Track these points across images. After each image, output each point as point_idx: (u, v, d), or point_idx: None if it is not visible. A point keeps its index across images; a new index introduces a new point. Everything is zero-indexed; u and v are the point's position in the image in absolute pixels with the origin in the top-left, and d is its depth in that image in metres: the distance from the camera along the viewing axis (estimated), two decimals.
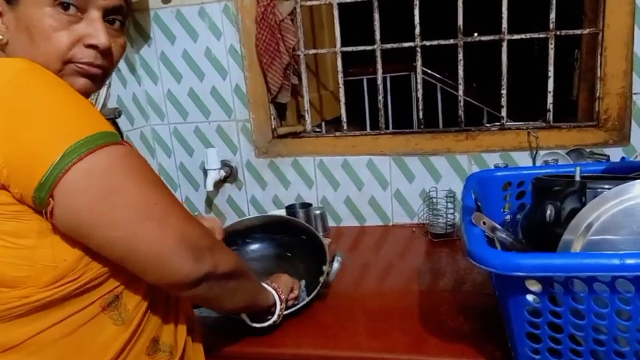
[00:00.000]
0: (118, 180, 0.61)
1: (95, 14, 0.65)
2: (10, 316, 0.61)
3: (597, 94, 1.36)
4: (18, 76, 0.59)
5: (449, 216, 1.40)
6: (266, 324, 0.96)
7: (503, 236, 0.84)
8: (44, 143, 0.57)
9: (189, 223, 0.67)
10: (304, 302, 1.05)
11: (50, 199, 0.58)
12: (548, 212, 0.78)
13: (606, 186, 0.82)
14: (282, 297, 0.96)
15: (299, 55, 1.54)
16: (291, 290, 1.02)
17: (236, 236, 1.20)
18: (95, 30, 0.65)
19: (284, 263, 1.21)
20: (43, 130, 0.58)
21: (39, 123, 0.58)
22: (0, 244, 0.59)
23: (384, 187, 1.54)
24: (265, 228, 1.23)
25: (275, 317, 0.95)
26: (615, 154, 1.33)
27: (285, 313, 0.98)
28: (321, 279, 1.09)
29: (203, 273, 0.67)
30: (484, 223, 0.83)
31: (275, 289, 0.95)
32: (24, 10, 0.63)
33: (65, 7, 0.63)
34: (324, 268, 1.10)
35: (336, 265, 1.09)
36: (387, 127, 1.56)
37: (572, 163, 1.29)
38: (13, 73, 0.59)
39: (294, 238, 1.21)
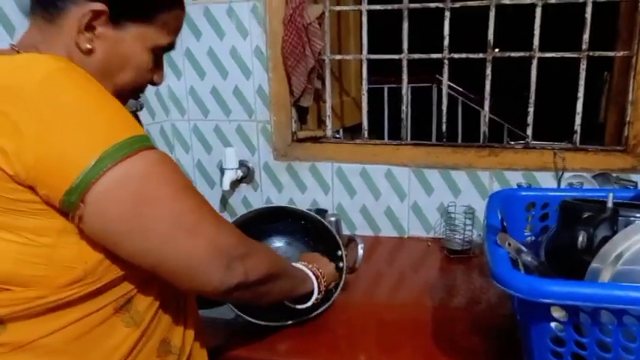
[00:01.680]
0: (151, 189, 0.60)
1: (163, 59, 0.74)
2: (23, 315, 0.61)
3: (627, 119, 1.33)
4: (53, 74, 0.58)
5: (466, 232, 1.37)
6: (304, 306, 0.94)
7: (529, 259, 0.82)
8: (77, 146, 0.56)
9: (222, 231, 0.65)
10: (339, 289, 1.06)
11: (81, 203, 0.57)
12: (580, 239, 0.75)
13: (638, 215, 0.80)
14: (321, 279, 0.95)
15: (324, 60, 1.53)
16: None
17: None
18: (161, 73, 0.75)
19: (287, 249, 1.20)
20: (77, 132, 0.57)
21: (72, 125, 0.57)
22: (18, 241, 0.59)
23: (402, 198, 1.52)
24: (260, 220, 1.19)
25: (311, 302, 0.94)
26: None
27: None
28: (342, 264, 1.08)
29: (235, 283, 0.65)
30: (509, 244, 0.81)
31: (314, 273, 0.94)
32: (127, 37, 0.66)
33: (160, 56, 0.72)
34: (340, 252, 1.09)
35: (360, 252, 1.09)
36: (407, 139, 1.54)
37: (597, 187, 1.26)
38: (49, 71, 0.58)
39: (292, 225, 1.18)
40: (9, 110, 0.55)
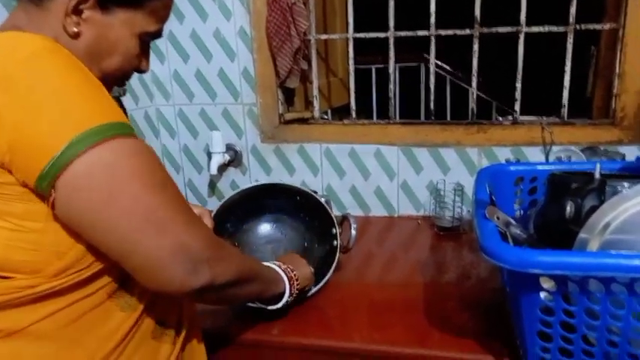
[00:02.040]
0: (120, 181, 0.57)
1: (149, 46, 0.74)
2: (15, 304, 0.60)
3: (614, 92, 1.33)
4: (38, 54, 0.57)
5: (456, 209, 1.38)
6: (274, 307, 0.92)
7: (517, 232, 0.82)
8: (49, 132, 0.54)
9: (191, 232, 0.61)
10: (321, 284, 1.04)
11: (52, 190, 0.55)
12: (568, 209, 0.76)
13: (626, 184, 0.80)
14: (294, 282, 0.92)
15: (310, 40, 1.51)
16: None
17: (228, 213, 1.17)
18: (148, 60, 0.75)
19: (283, 227, 1.20)
20: (52, 116, 0.55)
21: (49, 109, 0.55)
22: (6, 227, 0.58)
23: (391, 177, 1.52)
24: (255, 197, 1.19)
25: (281, 304, 0.91)
26: (630, 152, 1.30)
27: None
28: (336, 243, 1.08)
29: (198, 286, 0.62)
30: (498, 218, 0.80)
31: (287, 274, 0.91)
32: (115, 22, 0.66)
33: (145, 44, 0.72)
34: (335, 231, 1.09)
35: (353, 232, 1.09)
36: (395, 118, 1.53)
37: (585, 160, 1.26)
38: (34, 50, 0.57)
39: (288, 201, 1.18)
40: None
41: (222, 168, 1.61)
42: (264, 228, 1.21)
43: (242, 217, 1.20)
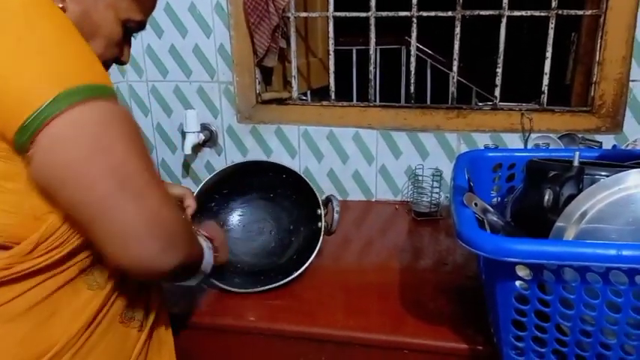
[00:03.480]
0: (106, 139, 0.56)
1: (131, 38, 0.74)
2: None
3: (594, 79, 1.32)
4: (30, 5, 0.55)
5: (434, 195, 1.37)
6: (188, 283, 0.81)
7: (495, 219, 0.81)
8: (36, 84, 0.53)
9: (167, 208, 0.60)
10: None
11: (31, 144, 0.53)
12: (547, 197, 0.75)
13: (604, 173, 0.79)
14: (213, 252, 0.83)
15: (289, 17, 1.46)
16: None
17: (212, 191, 1.14)
18: (129, 52, 0.74)
19: (269, 205, 1.17)
20: (39, 69, 0.53)
21: (36, 61, 0.53)
22: None
23: (370, 161, 1.50)
24: (241, 175, 1.16)
25: (196, 281, 0.81)
26: (607, 141, 1.30)
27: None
28: (320, 224, 1.06)
29: (169, 266, 0.59)
30: (476, 205, 0.79)
31: (213, 255, 0.82)
32: (100, 4, 0.65)
33: (128, 33, 0.71)
34: (319, 211, 1.07)
35: (336, 215, 1.07)
36: (375, 100, 1.51)
37: (563, 147, 1.26)
38: (24, 1, 0.55)
39: (274, 179, 1.15)
40: None
41: (197, 148, 1.57)
42: (250, 207, 1.18)
43: (227, 196, 1.17)
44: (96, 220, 0.56)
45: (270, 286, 1.00)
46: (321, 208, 1.08)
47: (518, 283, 0.72)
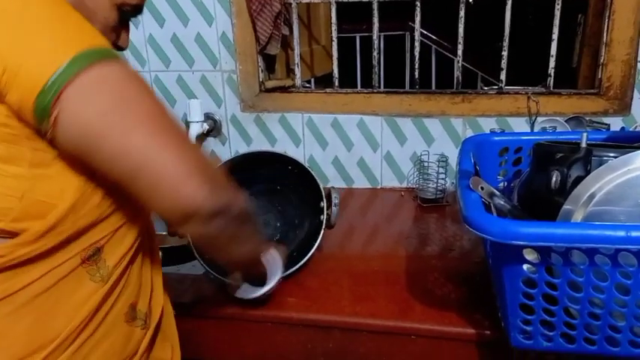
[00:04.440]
0: (133, 90, 0.57)
1: (129, 23, 0.72)
2: None
3: (601, 61, 1.30)
4: None
5: (440, 181, 1.36)
6: (258, 294, 0.87)
7: (502, 203, 0.80)
8: (53, 47, 0.53)
9: (203, 152, 0.62)
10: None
11: (54, 106, 0.52)
12: (554, 179, 0.73)
13: (611, 154, 0.78)
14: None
15: (291, 4, 1.44)
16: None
17: None
18: (127, 37, 0.73)
19: (275, 198, 1.16)
20: (52, 37, 0.54)
21: (50, 28, 0.54)
22: None
23: (375, 148, 1.49)
24: (247, 166, 1.14)
25: (270, 287, 0.86)
26: (615, 123, 1.29)
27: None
28: (322, 218, 1.05)
29: (219, 206, 0.60)
30: (482, 189, 0.78)
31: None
32: None
33: (124, 17, 0.69)
34: (322, 204, 1.06)
35: (334, 209, 1.06)
36: (379, 87, 1.49)
37: (570, 130, 1.25)
38: None
39: (280, 171, 1.14)
40: None
41: (201, 138, 1.56)
42: (257, 199, 1.16)
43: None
44: (141, 168, 0.56)
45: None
46: (324, 200, 1.07)
47: (525, 266, 0.71)
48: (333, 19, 1.45)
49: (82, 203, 0.59)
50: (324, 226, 1.04)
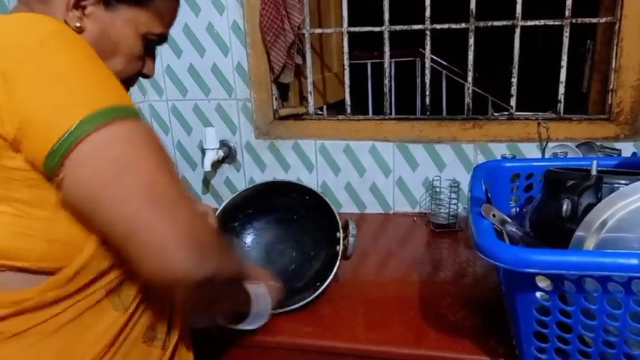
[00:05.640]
0: (133, 156, 0.57)
1: (155, 51, 0.74)
2: (20, 312, 0.60)
3: (611, 87, 1.31)
4: (56, 34, 0.57)
5: (452, 206, 1.37)
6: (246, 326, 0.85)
7: (513, 230, 0.81)
8: (63, 109, 0.54)
9: (197, 218, 0.60)
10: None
11: (62, 167, 0.54)
12: (565, 207, 0.74)
13: (623, 181, 0.79)
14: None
15: (304, 34, 1.49)
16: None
17: (236, 210, 1.15)
18: (153, 65, 0.75)
19: (291, 227, 1.17)
20: (65, 95, 0.55)
21: (63, 87, 0.55)
22: (12, 213, 0.57)
23: (387, 174, 1.50)
24: (265, 195, 1.16)
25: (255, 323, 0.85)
26: (626, 148, 1.29)
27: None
28: (339, 248, 1.04)
29: (205, 275, 0.59)
30: (494, 216, 0.79)
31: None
32: (118, 20, 0.66)
33: (150, 46, 0.71)
34: (338, 234, 1.05)
35: (351, 240, 1.05)
36: (390, 113, 1.52)
37: (582, 156, 1.25)
38: (53, 29, 0.58)
39: (297, 200, 1.14)
40: (5, 67, 0.54)
41: (216, 165, 1.60)
42: (273, 229, 1.18)
43: (250, 216, 1.17)
44: (130, 236, 0.56)
45: (285, 310, 0.98)
46: (340, 231, 1.06)
47: (538, 294, 0.71)
48: (345, 49, 1.48)
49: (105, 246, 0.61)
50: (340, 257, 1.04)
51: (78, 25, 0.63)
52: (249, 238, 1.18)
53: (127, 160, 0.56)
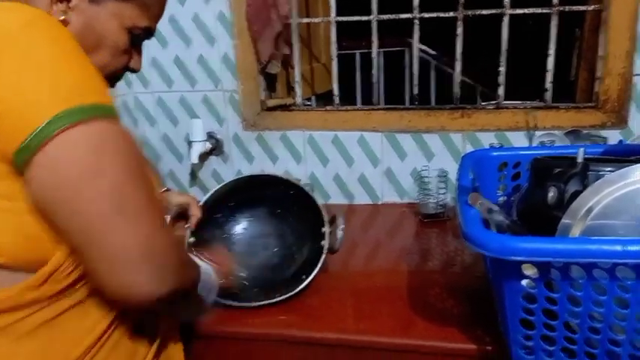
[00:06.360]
0: (100, 161, 0.54)
1: (142, 45, 0.73)
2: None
3: (598, 75, 1.32)
4: (39, 20, 0.56)
5: (440, 196, 1.37)
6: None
7: (500, 218, 0.81)
8: (36, 103, 0.52)
9: (160, 232, 0.58)
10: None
11: (30, 165, 0.52)
12: (551, 194, 0.74)
13: (608, 169, 0.79)
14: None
15: (291, 24, 1.47)
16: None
17: (220, 203, 1.14)
18: (140, 59, 0.74)
19: (276, 221, 1.16)
20: (41, 88, 0.53)
21: (38, 80, 0.53)
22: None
23: (375, 164, 1.50)
24: (250, 188, 1.15)
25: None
26: (613, 136, 1.30)
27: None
28: (324, 243, 1.04)
29: (155, 295, 0.56)
30: (480, 204, 0.79)
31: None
32: (102, 13, 0.64)
33: (136, 40, 0.70)
34: (324, 229, 1.05)
35: (340, 233, 1.04)
36: (379, 103, 1.51)
37: (569, 144, 1.26)
38: (36, 15, 0.56)
39: (282, 194, 1.14)
40: None
41: (204, 157, 1.58)
42: (257, 221, 1.17)
43: (234, 208, 1.17)
44: (86, 247, 0.55)
45: (272, 301, 0.98)
46: (326, 226, 1.06)
47: (525, 282, 0.71)
48: (333, 39, 1.47)
49: None
50: (325, 252, 1.03)
51: (62, 17, 0.62)
52: (232, 231, 1.17)
53: (93, 165, 0.54)
